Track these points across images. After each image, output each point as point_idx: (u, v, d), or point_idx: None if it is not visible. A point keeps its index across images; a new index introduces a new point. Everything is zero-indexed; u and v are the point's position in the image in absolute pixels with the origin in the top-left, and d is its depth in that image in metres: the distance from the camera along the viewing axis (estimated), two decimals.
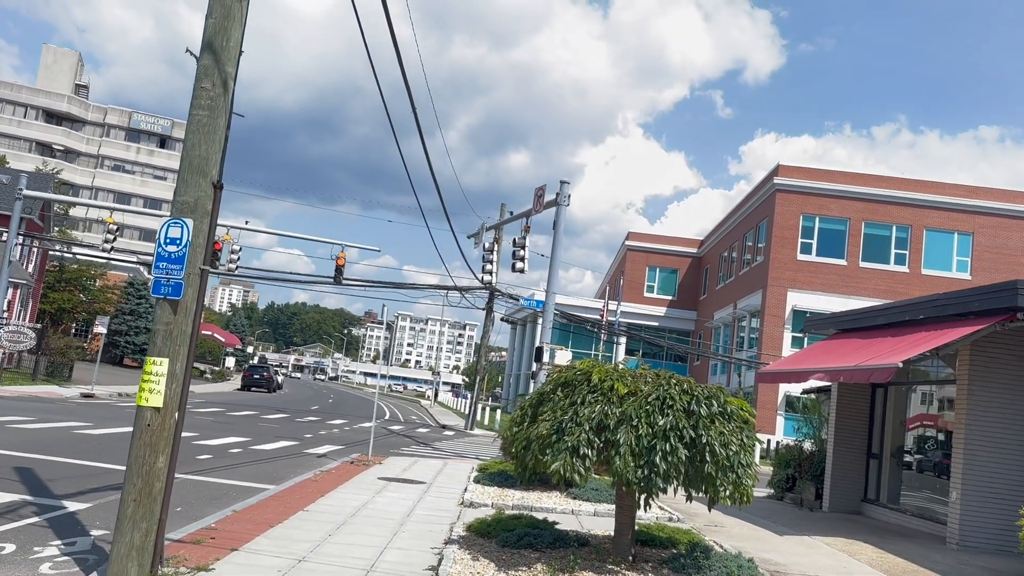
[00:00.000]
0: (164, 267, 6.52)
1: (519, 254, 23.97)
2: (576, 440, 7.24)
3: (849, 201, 44.07)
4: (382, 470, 15.69)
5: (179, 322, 6.50)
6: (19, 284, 34.39)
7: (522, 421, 8.02)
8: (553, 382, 8.00)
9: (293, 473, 14.60)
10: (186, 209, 6.58)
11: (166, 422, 6.44)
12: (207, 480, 12.87)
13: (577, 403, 7.54)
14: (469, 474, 15.96)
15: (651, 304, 61.69)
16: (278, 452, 18.35)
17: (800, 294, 43.02)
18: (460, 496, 12.85)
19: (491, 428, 39.99)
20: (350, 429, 28.64)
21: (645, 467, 7.14)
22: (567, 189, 21.76)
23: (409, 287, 37.39)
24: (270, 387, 57.95)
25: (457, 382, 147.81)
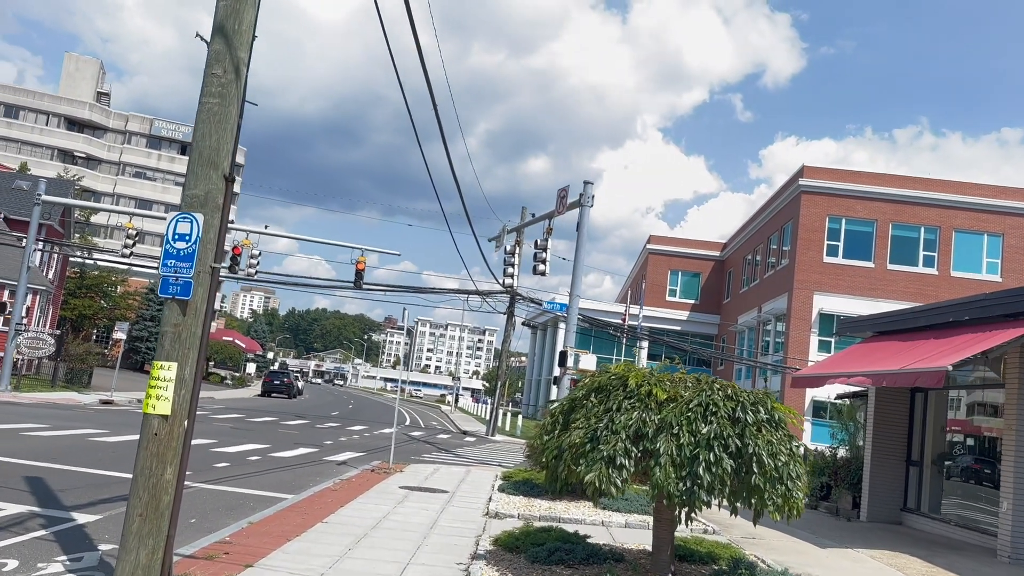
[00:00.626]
0: (172, 265, 6.11)
1: (541, 256, 23.50)
2: (612, 449, 6.74)
3: (876, 202, 43.19)
4: (403, 478, 15.24)
5: (188, 324, 6.08)
6: (38, 290, 34.35)
7: (552, 429, 7.53)
8: (586, 387, 7.50)
9: (312, 482, 14.18)
10: (196, 203, 6.16)
11: (174, 431, 6.02)
12: (223, 489, 12.47)
13: (612, 410, 7.04)
14: (493, 482, 15.48)
15: (673, 308, 60.97)
16: (297, 460, 17.96)
17: (827, 297, 42.18)
18: (485, 506, 12.36)
19: (513, 434, 39.51)
20: (370, 435, 28.25)
21: (687, 479, 6.62)
22: (591, 190, 21.27)
23: (429, 291, 37.01)
24: (290, 393, 57.81)
25: (477, 387, 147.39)
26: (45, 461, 13.21)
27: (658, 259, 62.89)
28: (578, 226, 21.36)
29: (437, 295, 39.67)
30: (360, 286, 30.25)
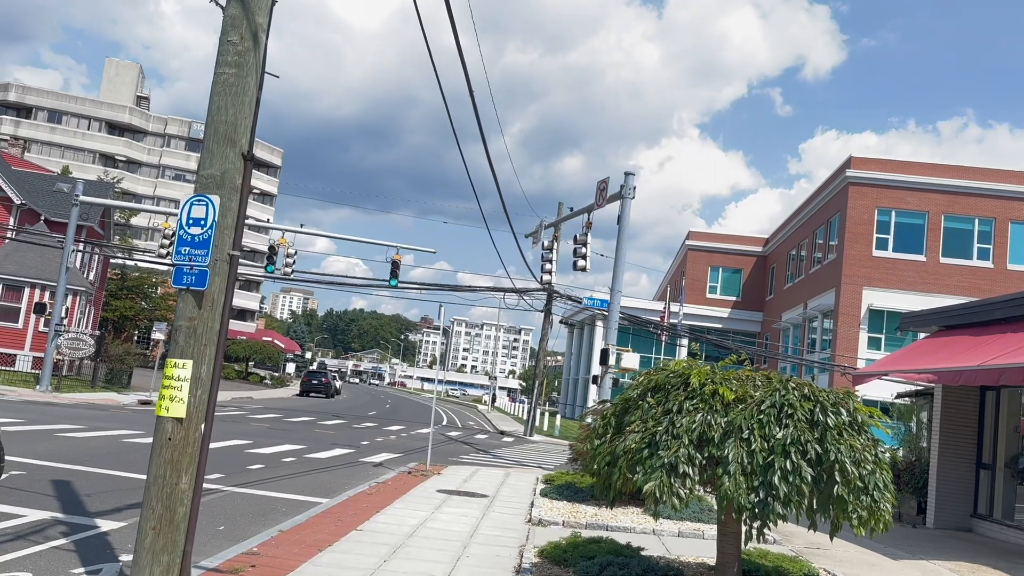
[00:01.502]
0: (186, 252, 5.54)
1: (580, 252, 22.76)
2: (674, 456, 6.03)
3: (927, 193, 41.62)
4: (441, 481, 14.65)
5: (204, 317, 5.50)
6: (79, 291, 34.49)
7: (604, 432, 6.83)
8: (641, 386, 6.79)
9: (347, 484, 13.66)
10: (211, 184, 5.59)
11: (190, 435, 5.45)
12: (255, 493, 11.97)
13: (672, 411, 6.33)
14: (534, 486, 14.81)
15: (714, 305, 59.70)
16: (333, 461, 17.48)
17: (876, 292, 40.77)
18: (527, 512, 11.71)
19: (551, 434, 38.81)
20: (407, 435, 27.77)
21: (760, 489, 5.88)
22: (632, 181, 20.48)
23: (465, 289, 36.47)
24: (328, 392, 57.76)
25: (513, 387, 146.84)
26: (75, 463, 12.85)
27: (698, 255, 61.63)
28: (619, 219, 20.59)
29: (472, 294, 39.14)
30: (396, 275, 29.75)
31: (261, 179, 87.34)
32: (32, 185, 39.56)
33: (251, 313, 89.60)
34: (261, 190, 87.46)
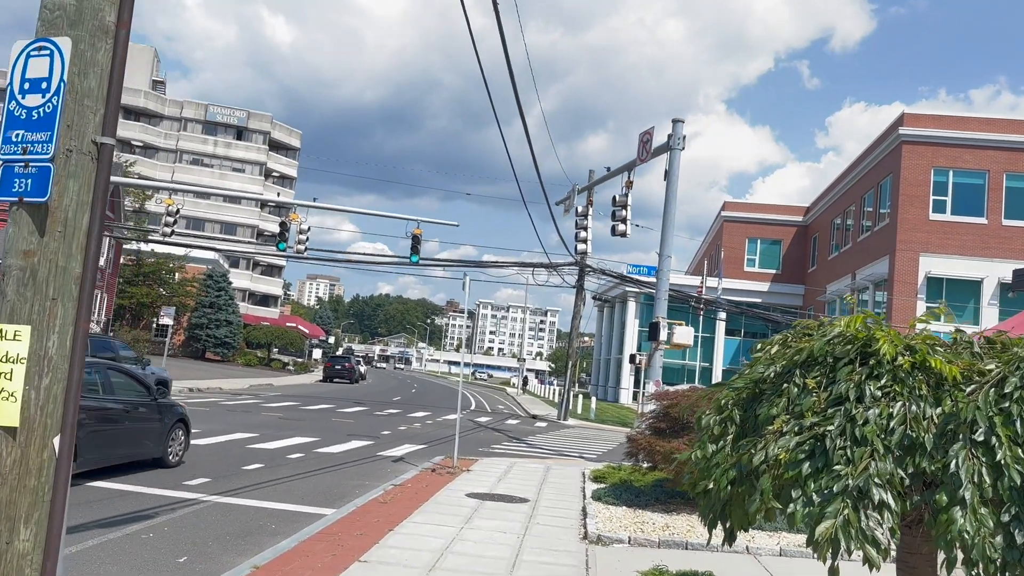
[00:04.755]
0: (18, 139, 3.18)
1: (620, 214, 20.26)
2: (862, 474, 3.59)
3: (987, 151, 38.42)
4: (471, 480, 12.33)
5: (50, 250, 3.15)
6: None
7: (723, 433, 4.40)
8: (785, 359, 4.33)
9: (359, 488, 11.38)
10: (60, 21, 3.21)
11: (30, 458, 3.12)
12: (243, 504, 9.72)
13: (848, 399, 3.88)
14: (581, 484, 12.44)
15: (752, 279, 56.78)
16: (346, 456, 15.24)
17: (934, 258, 37.79)
18: (580, 523, 9.34)
19: (586, 418, 36.48)
20: (433, 423, 25.54)
21: (1017, 529, 3.43)
22: (680, 129, 17.90)
23: (491, 265, 34.11)
24: (352, 378, 55.81)
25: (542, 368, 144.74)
26: None
27: (734, 227, 58.67)
28: (666, 174, 18.04)
29: (499, 272, 37.56)
30: (417, 251, 27.45)
31: (280, 162, 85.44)
32: None
33: (274, 299, 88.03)
34: (280, 173, 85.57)
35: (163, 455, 12.02)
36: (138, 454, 11.51)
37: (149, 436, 11.73)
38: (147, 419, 11.71)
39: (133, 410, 11.48)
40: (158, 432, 11.92)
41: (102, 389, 11.11)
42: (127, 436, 11.27)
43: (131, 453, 11.38)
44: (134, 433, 11.41)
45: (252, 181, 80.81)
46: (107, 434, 10.85)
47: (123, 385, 11.78)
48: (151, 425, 11.79)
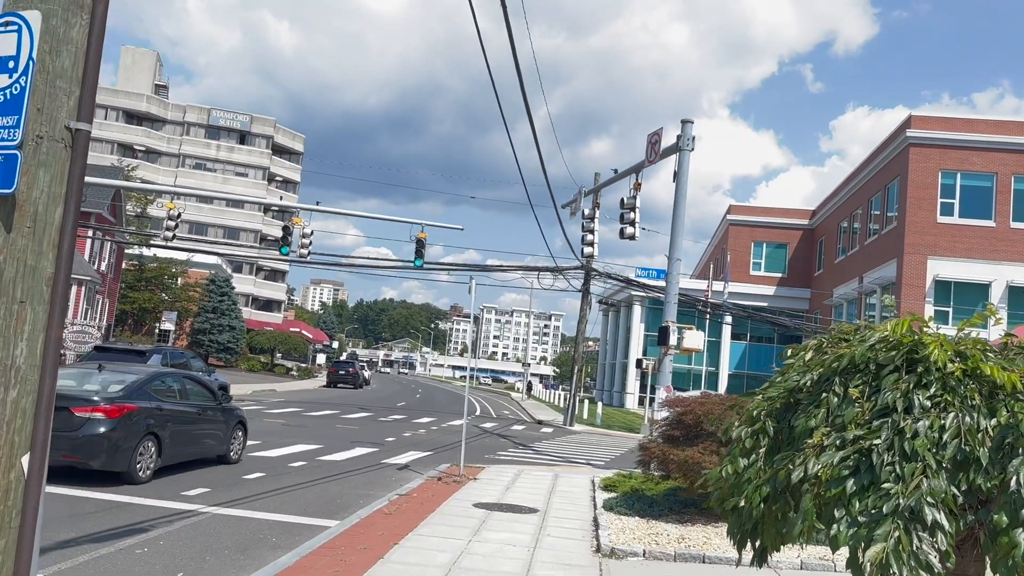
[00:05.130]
0: None
1: (629, 217, 19.95)
2: (916, 495, 3.26)
3: (995, 153, 38.08)
4: (478, 489, 12.01)
5: (18, 247, 2.84)
6: (83, 281, 32.34)
7: (755, 446, 4.07)
8: (822, 366, 4.01)
9: (363, 497, 11.07)
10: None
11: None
12: (243, 515, 9.40)
13: (896, 409, 3.55)
14: (591, 493, 12.11)
15: (758, 283, 56.41)
16: (350, 464, 14.92)
17: (942, 261, 37.42)
18: (592, 534, 9.01)
19: (592, 423, 36.13)
20: (438, 429, 25.22)
21: None
22: (690, 130, 17.59)
23: (496, 269, 33.80)
24: (356, 383, 55.49)
25: (546, 373, 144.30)
26: None
27: (739, 230, 58.34)
28: (676, 175, 17.73)
29: (503, 277, 37.19)
30: (422, 255, 27.14)
31: (283, 166, 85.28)
32: None
33: (278, 304, 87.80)
34: (284, 177, 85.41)
35: (226, 453, 13.33)
36: (207, 452, 12.81)
37: (216, 436, 13.02)
38: (214, 421, 12.99)
39: (203, 413, 12.72)
40: (223, 432, 13.22)
41: (179, 395, 12.41)
42: (199, 436, 12.57)
43: (202, 451, 12.68)
44: (204, 433, 12.71)
45: (255, 185, 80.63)
46: (184, 434, 12.09)
47: (195, 391, 13.02)
48: (217, 426, 13.06)
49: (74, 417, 10.40)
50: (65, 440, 10.00)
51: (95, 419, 10.46)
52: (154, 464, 11.25)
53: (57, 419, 8.84)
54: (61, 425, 9.57)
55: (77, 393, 10.78)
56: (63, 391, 10.14)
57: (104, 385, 11.19)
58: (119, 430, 10.56)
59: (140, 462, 10.91)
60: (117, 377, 11.62)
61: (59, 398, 9.76)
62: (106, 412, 10.55)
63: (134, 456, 10.76)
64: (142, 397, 11.31)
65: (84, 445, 10.31)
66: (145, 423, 11.04)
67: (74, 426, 10.32)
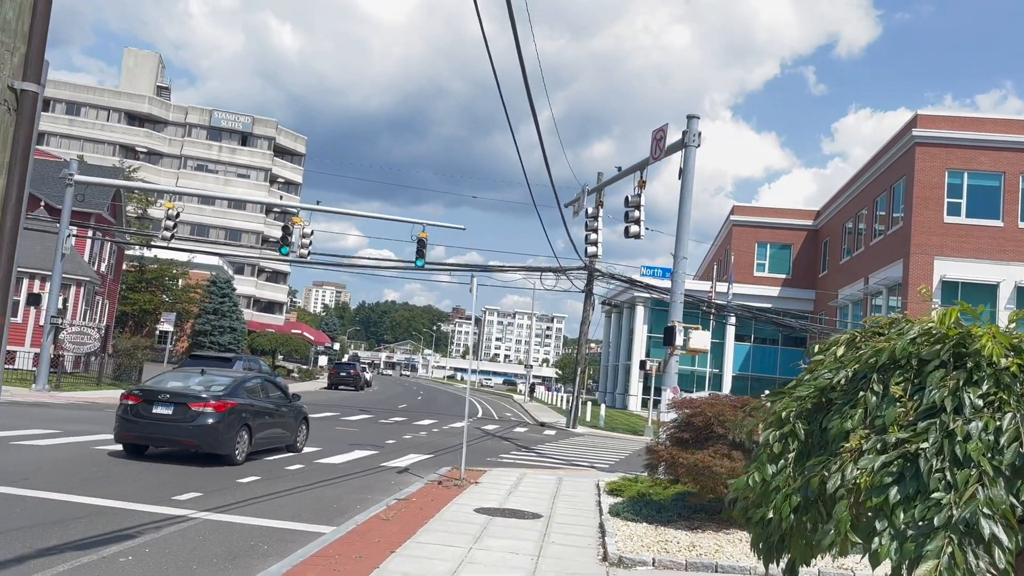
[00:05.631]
0: None
1: (633, 215, 19.58)
2: (971, 506, 2.90)
3: (1003, 152, 37.70)
4: (479, 493, 11.64)
5: None
6: (81, 281, 32.01)
7: (783, 451, 3.71)
8: (857, 361, 3.64)
9: (360, 502, 10.71)
10: None
11: None
12: (235, 521, 9.05)
13: (944, 409, 3.19)
14: (596, 497, 11.74)
15: (762, 284, 56.00)
16: (349, 467, 14.57)
17: (949, 262, 37.05)
18: (598, 542, 8.65)
19: (595, 425, 35.76)
20: (439, 431, 24.87)
21: None
22: (695, 126, 17.23)
23: (498, 270, 33.44)
24: (357, 385, 55.17)
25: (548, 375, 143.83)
26: (6, 484, 10.01)
27: (743, 231, 57.97)
28: (681, 172, 17.36)
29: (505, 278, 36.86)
30: (423, 255, 26.81)
31: (285, 167, 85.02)
32: (37, 171, 37.18)
33: (280, 305, 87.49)
34: (285, 179, 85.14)
35: (294, 442, 15.83)
36: (281, 441, 15.30)
37: (288, 428, 15.57)
38: (286, 416, 15.52)
39: (279, 409, 15.22)
40: (293, 425, 15.77)
41: (263, 394, 14.93)
42: (277, 428, 15.01)
43: (278, 440, 15.12)
44: (280, 425, 15.19)
45: (257, 187, 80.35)
46: (267, 425, 14.47)
47: (273, 392, 15.70)
48: (288, 420, 15.60)
49: (190, 411, 12.92)
50: (184, 428, 12.82)
51: (206, 412, 12.93)
52: (247, 449, 13.60)
53: (177, 412, 12.62)
54: (181, 417, 12.85)
55: (191, 392, 13.31)
56: (180, 390, 13.37)
57: (209, 386, 13.67)
58: (223, 421, 13.00)
59: (238, 447, 13.29)
60: (218, 379, 14.20)
61: (178, 395, 12.90)
62: (214, 407, 13.01)
63: (234, 442, 13.15)
64: (239, 395, 13.77)
65: (198, 433, 12.80)
66: (241, 416, 13.45)
67: (190, 418, 12.88)
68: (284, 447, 15.45)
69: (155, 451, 13.89)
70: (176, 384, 13.80)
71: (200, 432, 12.76)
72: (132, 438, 13.12)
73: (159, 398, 13.01)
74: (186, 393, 13.20)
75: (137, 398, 13.17)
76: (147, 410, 12.91)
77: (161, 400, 12.96)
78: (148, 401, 13.00)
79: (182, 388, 13.47)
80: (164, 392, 13.21)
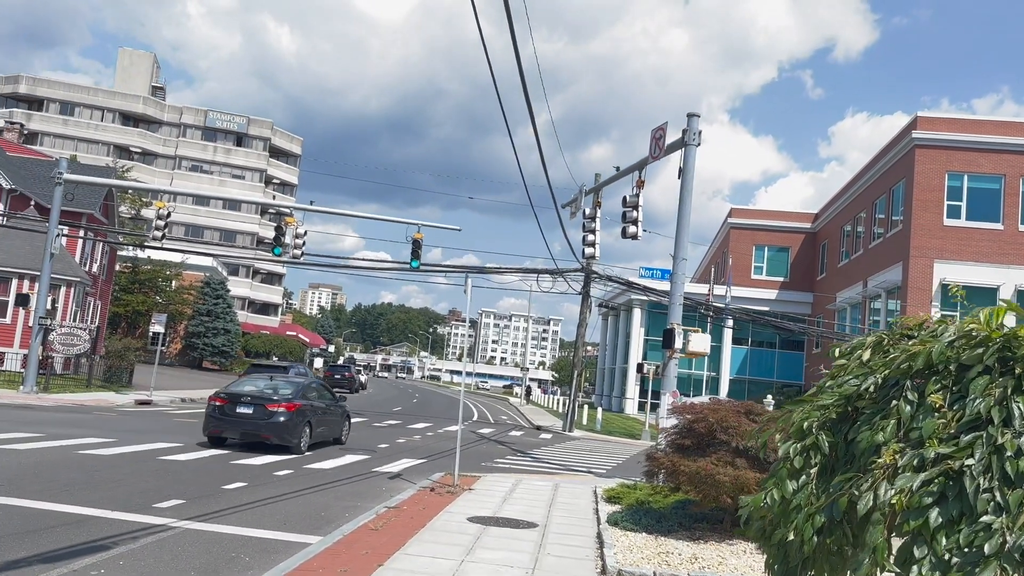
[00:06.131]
0: None
1: (631, 216, 19.24)
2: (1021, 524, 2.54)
3: (1003, 155, 37.48)
4: (473, 500, 11.27)
5: None
6: (72, 282, 31.54)
7: (804, 466, 3.34)
8: (888, 366, 3.28)
9: (349, 510, 10.34)
10: None
11: None
12: (216, 531, 8.66)
13: (991, 421, 2.84)
14: (594, 506, 11.37)
15: (759, 287, 55.73)
16: (340, 472, 14.18)
17: (949, 265, 36.77)
18: (596, 553, 8.28)
19: (592, 429, 35.40)
20: (433, 435, 24.49)
21: None
22: (696, 124, 16.90)
23: (494, 271, 33.10)
24: (352, 387, 54.65)
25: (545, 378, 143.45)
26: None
27: (741, 234, 57.68)
28: (681, 171, 17.01)
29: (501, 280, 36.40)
30: (418, 255, 26.42)
31: (280, 168, 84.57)
32: (28, 171, 36.81)
33: (274, 307, 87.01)
34: (281, 180, 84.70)
35: (340, 436, 18.79)
36: (332, 435, 18.19)
37: (337, 424, 18.51)
38: (335, 414, 18.46)
39: (329, 408, 18.12)
40: (339, 423, 18.74)
41: (318, 396, 17.94)
42: (329, 424, 17.92)
43: (329, 434, 17.95)
44: (331, 422, 18.09)
45: (252, 188, 79.90)
46: (322, 422, 17.42)
47: (326, 394, 18.76)
48: (336, 417, 18.51)
49: (267, 410, 15.78)
50: (262, 424, 15.70)
51: (280, 412, 15.82)
52: (308, 441, 16.44)
53: (256, 411, 15.79)
54: (260, 415, 15.76)
55: (267, 395, 16.25)
56: (258, 393, 16.34)
57: (280, 389, 16.80)
58: (293, 419, 15.91)
59: (303, 439, 16.12)
60: (286, 384, 17.43)
61: (257, 398, 16.20)
62: (286, 407, 15.92)
63: (300, 435, 16.01)
64: (302, 397, 16.77)
65: (273, 428, 15.71)
66: (305, 415, 16.31)
67: (267, 416, 15.74)
68: (332, 440, 18.21)
69: (153, 453, 13.48)
70: (252, 388, 16.76)
71: (275, 427, 15.64)
72: (219, 432, 15.95)
73: (242, 400, 15.90)
74: (263, 396, 16.12)
75: (224, 400, 15.98)
76: (232, 410, 15.80)
77: (243, 402, 15.86)
78: (233, 402, 15.87)
79: (259, 392, 16.45)
80: (246, 395, 16.10)
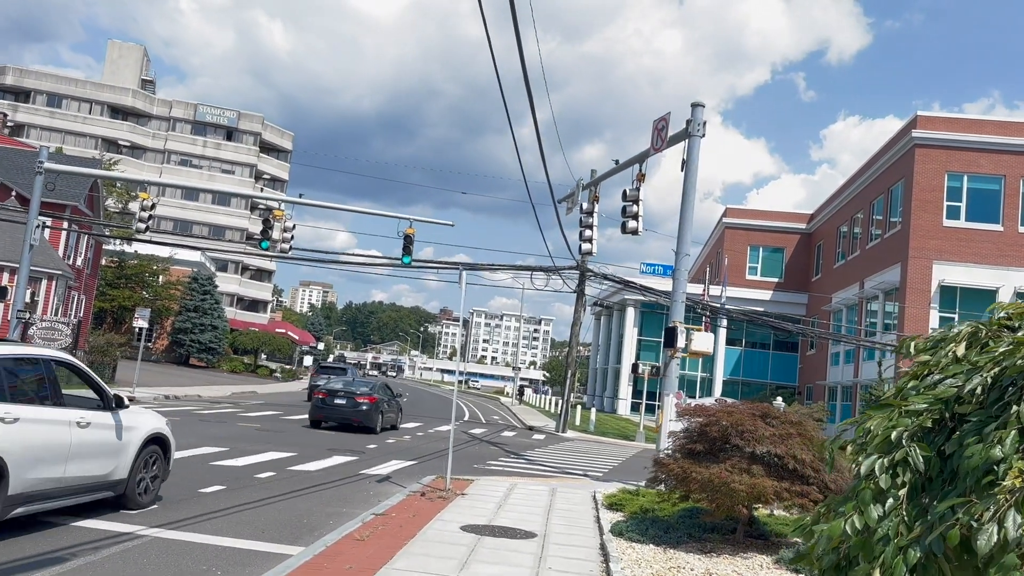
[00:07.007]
0: None
1: (631, 210, 18.59)
2: None
3: (1003, 155, 37.02)
4: (466, 507, 10.59)
5: None
6: (54, 275, 30.70)
7: (889, 489, 2.67)
8: (996, 364, 2.63)
9: (334, 517, 9.65)
10: None
11: None
12: (188, 540, 7.95)
13: None
14: (595, 512, 10.71)
15: (754, 287, 55.23)
16: (325, 475, 13.48)
17: (948, 266, 36.29)
18: (600, 567, 7.62)
19: (585, 429, 34.77)
20: (424, 435, 23.80)
21: None
22: (700, 115, 16.26)
23: (487, 268, 32.36)
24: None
25: (536, 377, 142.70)
26: None
27: (736, 234, 57.13)
28: (684, 164, 16.39)
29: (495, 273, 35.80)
30: (409, 251, 25.65)
31: (270, 163, 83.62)
32: (10, 161, 35.92)
33: (264, 304, 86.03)
34: (271, 175, 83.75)
35: (396, 423, 24.50)
36: (390, 422, 23.77)
37: (395, 414, 24.52)
38: (394, 407, 24.55)
39: (390, 401, 24.00)
40: (397, 413, 24.73)
41: (383, 391, 23.71)
42: (390, 413, 23.78)
43: (389, 421, 23.60)
44: (392, 412, 24.07)
45: (242, 183, 78.89)
46: (387, 412, 23.16)
47: (388, 391, 24.61)
48: (394, 408, 24.42)
49: (356, 401, 21.93)
50: (352, 412, 21.78)
51: (364, 403, 21.96)
52: (380, 424, 22.44)
53: (348, 402, 22.43)
54: (351, 405, 21.86)
55: (353, 391, 22.44)
56: (348, 390, 22.56)
57: (361, 385, 23.53)
58: (373, 408, 21.98)
59: (378, 423, 22.14)
60: (363, 381, 24.76)
61: (348, 392, 22.87)
62: (369, 399, 22.11)
63: (377, 420, 22.11)
64: (378, 392, 22.90)
65: (360, 414, 21.80)
66: (379, 405, 22.33)
67: (356, 405, 21.87)
68: (390, 426, 23.72)
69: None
70: (341, 386, 22.99)
71: (361, 414, 21.78)
72: (321, 417, 22.16)
73: (338, 394, 22.21)
74: (352, 391, 22.39)
75: (325, 393, 22.40)
76: (331, 401, 22.14)
77: (339, 395, 22.17)
78: (331, 395, 22.24)
79: (348, 388, 22.72)
80: (340, 390, 22.40)
